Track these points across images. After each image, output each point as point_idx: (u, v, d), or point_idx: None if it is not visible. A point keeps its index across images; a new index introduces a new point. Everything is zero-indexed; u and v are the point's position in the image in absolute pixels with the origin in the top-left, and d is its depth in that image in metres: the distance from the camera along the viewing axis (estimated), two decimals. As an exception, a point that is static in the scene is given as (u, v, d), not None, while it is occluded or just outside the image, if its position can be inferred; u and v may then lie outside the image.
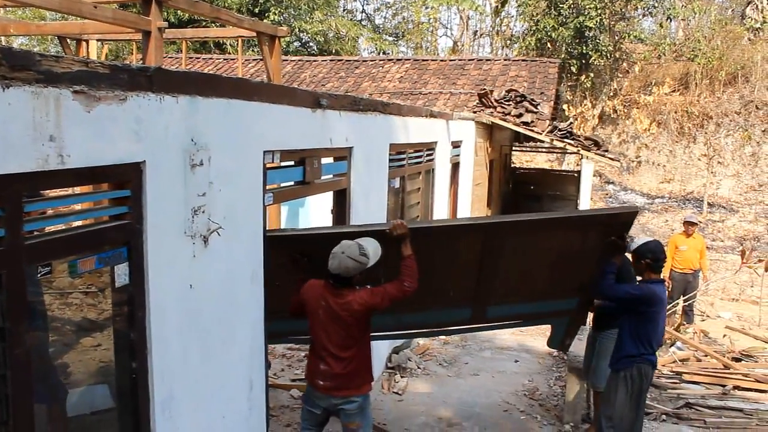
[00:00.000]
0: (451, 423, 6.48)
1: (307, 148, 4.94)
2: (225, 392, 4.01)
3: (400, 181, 7.62)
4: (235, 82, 3.99)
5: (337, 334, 4.44)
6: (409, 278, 4.47)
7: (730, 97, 24.48)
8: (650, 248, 5.33)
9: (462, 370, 7.93)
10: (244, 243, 4.10)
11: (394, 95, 15.31)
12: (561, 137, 12.12)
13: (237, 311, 4.09)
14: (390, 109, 6.92)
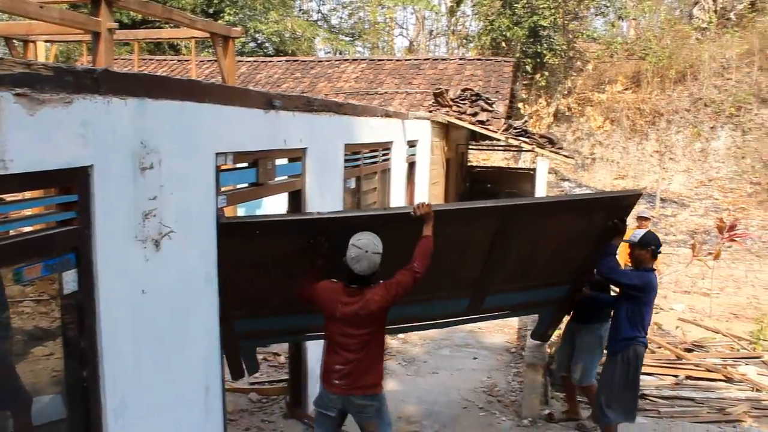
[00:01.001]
0: (411, 421, 6.51)
1: (260, 150, 4.91)
2: (180, 398, 3.96)
3: (355, 181, 7.61)
4: (186, 83, 3.94)
5: (355, 335, 4.48)
6: (419, 259, 4.54)
7: (680, 95, 25.00)
8: (653, 238, 5.81)
9: (421, 369, 7.96)
10: (198, 246, 4.06)
11: (350, 95, 15.31)
12: (516, 135, 12.24)
13: (191, 315, 4.04)
14: (344, 109, 6.90)
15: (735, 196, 22.04)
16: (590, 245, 5.78)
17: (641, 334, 5.73)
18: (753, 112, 23.65)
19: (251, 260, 4.63)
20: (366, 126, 7.77)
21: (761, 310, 11.81)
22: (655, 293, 5.83)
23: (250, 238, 4.55)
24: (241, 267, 4.60)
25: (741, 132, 23.54)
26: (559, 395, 7.60)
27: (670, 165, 23.75)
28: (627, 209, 5.76)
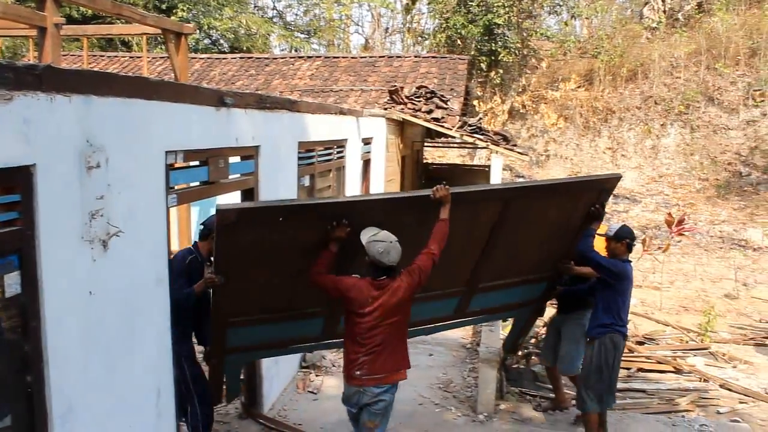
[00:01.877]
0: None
1: (211, 148, 4.85)
2: (131, 402, 3.89)
3: (310, 179, 7.57)
4: (134, 80, 3.87)
5: (382, 325, 4.52)
6: (436, 242, 4.63)
7: (631, 93, 25.44)
8: (628, 231, 5.95)
9: (376, 366, 7.95)
10: (148, 246, 3.99)
11: (305, 93, 15.24)
12: (471, 132, 12.32)
13: (142, 317, 3.97)
14: (298, 106, 6.86)
15: (684, 192, 22.53)
16: (569, 237, 6.00)
17: (618, 322, 5.88)
18: (701, 110, 24.19)
19: (255, 255, 4.51)
20: (320, 123, 7.73)
21: (709, 303, 12.09)
22: (630, 283, 5.94)
23: (257, 228, 4.34)
24: (243, 263, 4.51)
25: (690, 129, 24.06)
26: (514, 390, 7.68)
27: (622, 162, 24.16)
28: (609, 192, 6.02)
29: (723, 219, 20.17)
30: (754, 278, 14.66)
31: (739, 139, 23.41)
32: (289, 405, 6.80)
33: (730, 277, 14.45)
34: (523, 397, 7.58)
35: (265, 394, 6.42)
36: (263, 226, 4.35)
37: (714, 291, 13.48)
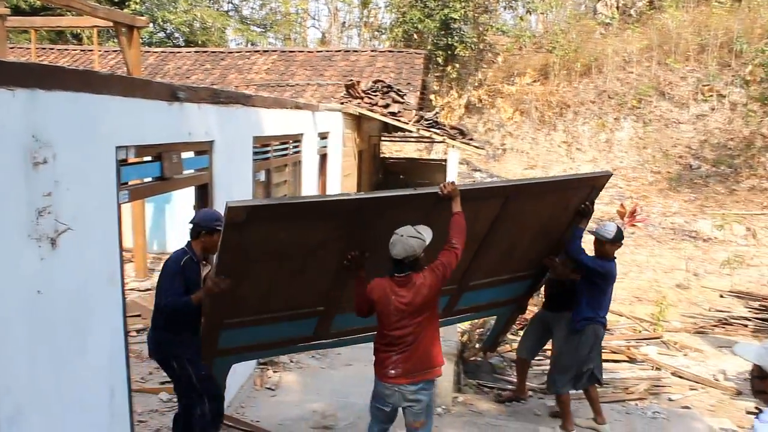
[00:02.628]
0: (326, 415, 6.48)
1: (164, 143, 4.77)
2: (83, 402, 3.82)
3: (265, 174, 7.53)
4: (82, 74, 3.78)
5: (411, 324, 4.49)
6: (457, 236, 4.62)
7: (585, 87, 25.78)
8: (622, 234, 6.11)
9: (335, 361, 7.94)
10: (99, 244, 3.92)
11: (261, 87, 15.12)
12: (427, 127, 12.36)
13: (94, 316, 3.89)
14: (253, 101, 6.80)
15: (638, 185, 22.92)
16: (558, 235, 6.14)
17: (599, 315, 6.13)
18: (653, 104, 24.62)
19: (260, 253, 4.40)
20: (276, 118, 7.68)
21: (661, 293, 12.34)
22: (614, 281, 6.18)
23: (265, 225, 4.22)
24: (246, 262, 4.41)
25: (642, 123, 24.47)
26: (471, 382, 7.74)
27: (577, 155, 24.48)
28: (599, 190, 6.13)
29: (675, 211, 20.58)
30: (704, 268, 15.00)
31: (689, 133, 23.89)
32: (247, 402, 6.75)
33: (682, 268, 14.76)
34: (480, 389, 7.64)
35: (223, 391, 6.37)
36: (271, 224, 4.23)
37: (666, 281, 13.75)
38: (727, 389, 8.16)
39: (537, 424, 6.60)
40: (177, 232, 12.39)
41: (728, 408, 7.60)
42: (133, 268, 11.04)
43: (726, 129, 23.49)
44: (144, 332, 8.47)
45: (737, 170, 22.30)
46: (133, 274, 10.94)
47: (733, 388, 8.18)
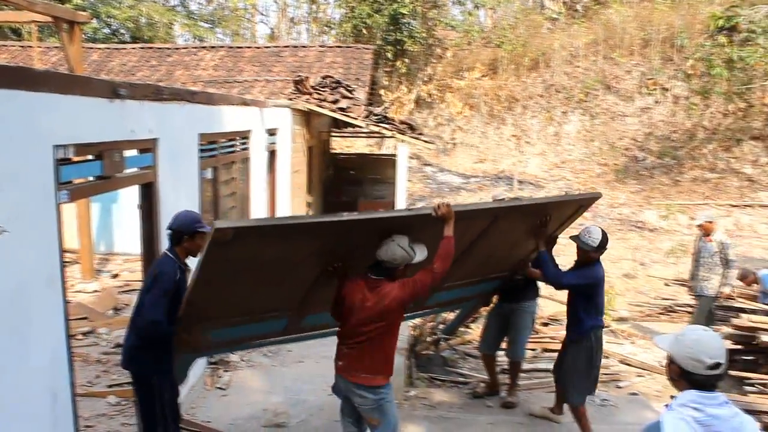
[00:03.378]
0: (277, 412, 6.45)
1: (105, 141, 4.68)
2: (23, 409, 3.72)
3: (213, 172, 7.43)
4: (15, 70, 3.68)
5: (364, 331, 4.48)
6: (441, 260, 4.51)
7: (533, 81, 26.07)
8: (607, 240, 5.85)
9: (286, 359, 7.91)
10: (37, 245, 3.82)
11: (208, 84, 14.93)
12: (376, 122, 12.35)
13: (33, 320, 3.80)
14: (198, 97, 6.71)
15: (585, 177, 23.30)
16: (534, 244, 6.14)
17: (597, 320, 5.95)
18: (599, 98, 25.04)
19: (242, 268, 4.30)
20: (222, 115, 7.59)
21: (609, 283, 12.54)
22: (603, 282, 5.93)
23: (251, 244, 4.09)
24: (228, 276, 4.31)
25: (589, 116, 24.87)
26: (424, 376, 7.79)
27: (526, 148, 24.76)
28: (585, 208, 6.45)
29: (621, 202, 20.99)
30: (650, 258, 15.35)
31: (635, 126, 24.36)
32: (198, 402, 6.68)
33: (629, 258, 15.08)
34: (433, 382, 7.69)
35: (172, 393, 6.28)
36: (257, 242, 4.13)
37: (614, 271, 14.02)
38: (672, 375, 8.36)
39: (489, 415, 6.67)
40: (124, 232, 12.19)
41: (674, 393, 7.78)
42: (79, 270, 10.81)
43: (669, 122, 24.04)
44: (91, 335, 8.32)
45: (681, 162, 22.83)
46: (80, 275, 10.72)
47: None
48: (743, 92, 22.53)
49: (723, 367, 2.70)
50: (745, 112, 22.96)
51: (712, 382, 2.70)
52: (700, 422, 2.61)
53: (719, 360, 2.69)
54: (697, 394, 2.68)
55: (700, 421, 2.62)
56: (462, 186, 23.16)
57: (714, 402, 2.65)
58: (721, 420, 2.62)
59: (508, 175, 23.43)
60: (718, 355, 2.70)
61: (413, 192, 22.18)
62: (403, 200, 13.10)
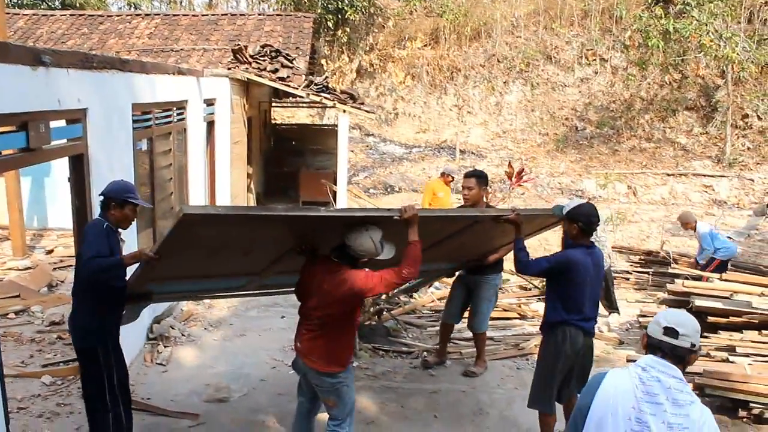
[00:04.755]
0: (219, 387, 6.35)
1: (29, 111, 4.45)
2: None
3: (148, 143, 7.21)
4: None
5: (319, 314, 4.37)
6: (410, 265, 4.32)
7: (475, 51, 26.10)
8: (584, 212, 4.94)
9: (229, 333, 7.80)
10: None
11: (143, 53, 14.47)
12: (317, 91, 12.18)
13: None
14: (131, 66, 6.47)
15: (526, 147, 23.56)
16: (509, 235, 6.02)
17: (575, 317, 4.98)
18: (540, 68, 25.25)
19: (206, 244, 4.22)
20: (156, 84, 7.35)
21: (549, 251, 12.73)
22: (585, 270, 4.94)
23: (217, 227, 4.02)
24: (191, 249, 4.26)
25: (530, 86, 25.07)
26: (367, 346, 7.76)
27: (468, 118, 24.85)
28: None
29: (562, 171, 21.30)
30: (590, 226, 15.60)
31: (574, 96, 24.69)
32: (137, 379, 6.52)
33: (568, 226, 15.31)
34: (376, 352, 7.68)
35: (108, 370, 6.11)
36: (224, 226, 4.05)
37: (554, 239, 14.18)
38: (611, 340, 8.56)
39: (432, 384, 6.70)
40: (58, 207, 11.77)
41: (611, 357, 7.96)
42: (10, 247, 10.43)
43: (608, 92, 24.43)
44: (24, 313, 8.04)
45: (619, 131, 23.27)
46: (11, 252, 10.35)
47: (616, 339, 8.61)
48: (678, 64, 23.01)
49: (685, 341, 2.72)
50: (679, 83, 23.48)
51: (665, 348, 2.73)
52: (642, 380, 2.67)
53: (675, 327, 2.72)
54: (651, 357, 2.74)
55: (643, 379, 2.67)
56: (404, 156, 23.17)
57: (666, 371, 2.69)
58: (662, 385, 2.66)
59: (450, 145, 23.52)
60: (676, 323, 2.73)
61: (356, 162, 22.10)
62: (344, 171, 12.99)
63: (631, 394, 2.66)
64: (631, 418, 2.64)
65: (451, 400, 6.28)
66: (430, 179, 18.78)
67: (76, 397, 5.97)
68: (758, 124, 21.76)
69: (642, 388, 2.66)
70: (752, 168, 20.56)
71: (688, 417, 2.64)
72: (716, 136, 22.06)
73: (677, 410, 2.64)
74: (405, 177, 21.17)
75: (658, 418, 2.63)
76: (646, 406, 2.64)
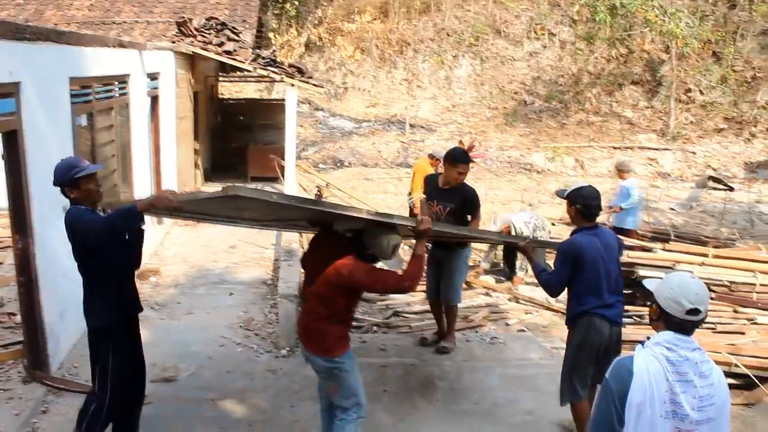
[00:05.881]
0: (166, 367, 6.25)
1: (-44, 85, 4.27)
2: None
3: (88, 119, 6.99)
4: None
5: (318, 291, 4.32)
6: (411, 279, 4.21)
7: (425, 25, 26.03)
8: (582, 194, 4.82)
9: (175, 311, 7.67)
10: None
11: (83, 25, 14.03)
12: (264, 65, 12.00)
13: None
14: (67, 38, 6.24)
15: (476, 120, 23.66)
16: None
17: (593, 304, 4.73)
18: (489, 42, 25.32)
19: (233, 206, 4.33)
20: (96, 57, 7.12)
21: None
22: (595, 252, 4.72)
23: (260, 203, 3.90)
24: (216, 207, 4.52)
25: (480, 61, 25.14)
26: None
27: (418, 92, 24.83)
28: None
29: (511, 145, 21.47)
30: (539, 198, 15.82)
31: (523, 70, 24.85)
32: (81, 361, 6.35)
33: (518, 199, 15.48)
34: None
35: (51, 354, 5.93)
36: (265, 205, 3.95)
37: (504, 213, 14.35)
38: (558, 310, 8.68)
39: (382, 358, 6.70)
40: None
41: (559, 328, 8.08)
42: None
43: (556, 66, 24.64)
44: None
45: (567, 105, 23.54)
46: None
47: (563, 309, 8.74)
48: (625, 39, 23.31)
49: (702, 314, 2.75)
50: (626, 57, 23.81)
51: (688, 326, 2.75)
52: (671, 361, 2.68)
53: (698, 306, 2.73)
54: (672, 335, 2.74)
55: (671, 360, 2.69)
56: (354, 131, 23.06)
57: (687, 345, 2.72)
58: (690, 362, 2.70)
59: (400, 120, 23.48)
60: (697, 301, 2.74)
61: (305, 137, 21.92)
62: (293, 146, 12.86)
63: (663, 378, 2.67)
64: (666, 402, 2.67)
65: (400, 373, 6.29)
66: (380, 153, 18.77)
67: (16, 382, 5.81)
68: (700, 98, 22.23)
69: (672, 369, 2.67)
70: (695, 141, 21.03)
71: (713, 385, 2.70)
72: (661, 110, 22.48)
73: (704, 382, 2.69)
74: (355, 152, 21.08)
75: (689, 395, 2.67)
76: (678, 386, 2.67)
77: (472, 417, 5.60)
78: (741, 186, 18.03)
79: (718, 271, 7.87)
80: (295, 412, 5.48)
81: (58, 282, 6.00)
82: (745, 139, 20.79)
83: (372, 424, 5.36)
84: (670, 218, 14.45)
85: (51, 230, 5.72)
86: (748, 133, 20.89)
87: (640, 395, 2.65)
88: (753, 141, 20.64)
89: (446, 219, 6.32)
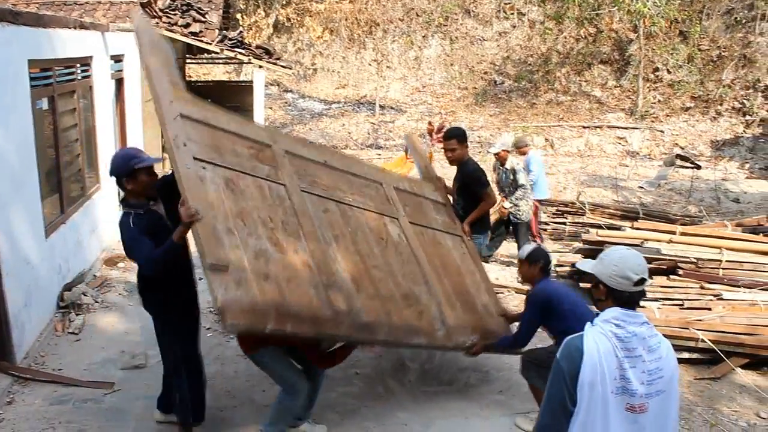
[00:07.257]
0: (135, 354, 6.20)
1: None
2: None
3: (49, 102, 6.83)
4: None
5: None
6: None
7: (393, 5, 25.85)
8: (542, 254, 5.04)
9: (144, 297, 7.58)
10: None
11: (43, 5, 13.69)
12: (231, 47, 11.84)
13: None
14: (24, 19, 6.07)
15: (446, 101, 23.62)
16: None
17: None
18: (459, 22, 25.23)
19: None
20: (56, 39, 6.95)
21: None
22: (565, 295, 4.86)
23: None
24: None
25: (449, 41, 25.06)
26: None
27: (387, 73, 24.71)
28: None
29: (481, 125, 21.49)
30: (508, 178, 15.82)
31: (493, 50, 24.81)
32: (48, 350, 6.29)
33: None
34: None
35: (16, 343, 5.83)
36: None
37: (474, 193, 14.36)
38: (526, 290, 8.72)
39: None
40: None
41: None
42: None
43: (526, 46, 24.64)
44: None
45: (536, 85, 23.57)
46: None
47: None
48: (593, 18, 23.34)
49: (647, 282, 2.78)
50: (594, 37, 23.86)
51: (636, 299, 2.77)
52: (620, 338, 2.69)
53: (644, 275, 2.75)
54: (620, 311, 2.75)
55: (620, 336, 2.69)
56: (324, 112, 22.91)
57: (635, 320, 2.73)
58: (639, 337, 2.70)
59: (369, 101, 23.37)
60: (642, 270, 2.76)
61: (274, 119, 21.73)
62: (262, 128, 12.71)
63: (613, 355, 2.67)
64: (616, 378, 2.67)
65: (371, 356, 6.28)
66: (350, 135, 18.62)
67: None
68: (668, 77, 22.38)
69: (621, 345, 2.68)
70: (662, 120, 21.19)
71: (661, 358, 2.72)
72: (629, 89, 22.61)
73: (652, 356, 2.70)
74: (325, 133, 20.95)
75: (638, 370, 2.68)
76: (627, 362, 2.67)
77: (444, 397, 5.62)
78: (707, 164, 18.22)
79: (685, 248, 7.93)
80: (267, 396, 5.45)
81: (21, 270, 5.88)
82: (711, 117, 20.99)
83: (344, 407, 5.36)
84: (639, 196, 14.56)
85: (13, 216, 5.60)
86: (714, 111, 21.09)
87: (591, 374, 2.66)
88: (719, 119, 20.85)
89: (454, 195, 6.73)
